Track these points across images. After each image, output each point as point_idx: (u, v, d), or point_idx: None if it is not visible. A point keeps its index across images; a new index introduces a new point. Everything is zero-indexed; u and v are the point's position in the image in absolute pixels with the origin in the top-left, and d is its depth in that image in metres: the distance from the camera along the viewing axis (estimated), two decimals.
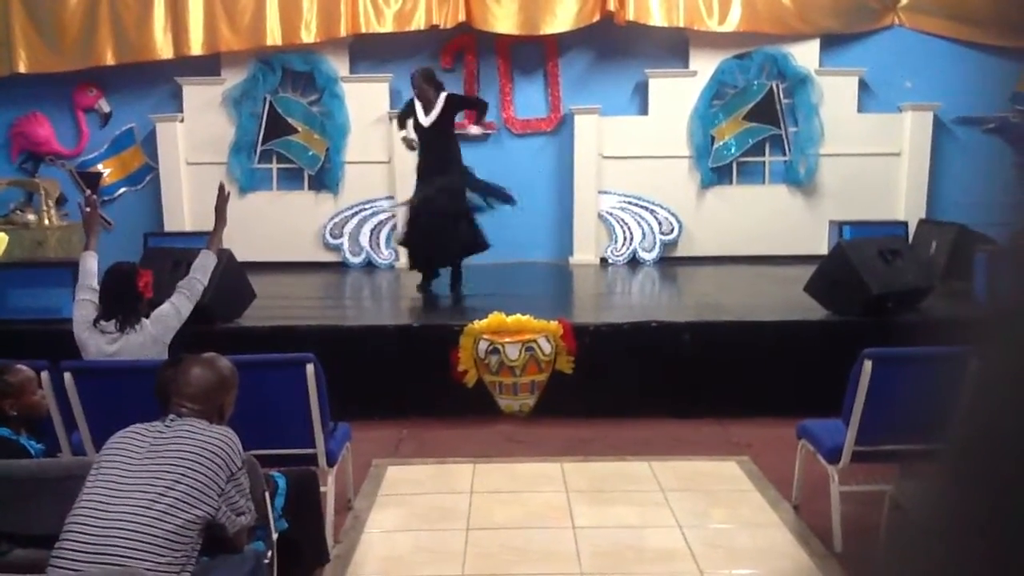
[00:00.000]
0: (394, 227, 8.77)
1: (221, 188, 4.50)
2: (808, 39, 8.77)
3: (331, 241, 8.90)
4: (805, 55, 8.76)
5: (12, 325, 5.55)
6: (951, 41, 8.71)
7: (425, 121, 6.59)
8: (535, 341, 5.49)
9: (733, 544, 3.87)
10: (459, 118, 7.00)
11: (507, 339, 5.49)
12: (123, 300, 3.97)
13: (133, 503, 2.41)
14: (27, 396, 3.19)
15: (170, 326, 4.03)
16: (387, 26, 8.64)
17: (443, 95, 6.61)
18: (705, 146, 8.79)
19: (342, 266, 8.83)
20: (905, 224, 8.20)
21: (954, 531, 0.56)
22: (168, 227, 8.74)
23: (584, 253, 8.84)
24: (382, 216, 8.87)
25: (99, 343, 3.93)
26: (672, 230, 8.85)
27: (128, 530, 2.36)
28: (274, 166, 8.95)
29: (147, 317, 4.01)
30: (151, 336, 3.95)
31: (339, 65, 8.84)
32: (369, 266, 8.84)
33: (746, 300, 6.63)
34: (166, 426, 2.61)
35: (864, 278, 5.45)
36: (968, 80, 8.52)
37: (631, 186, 8.83)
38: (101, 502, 2.43)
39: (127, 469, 2.50)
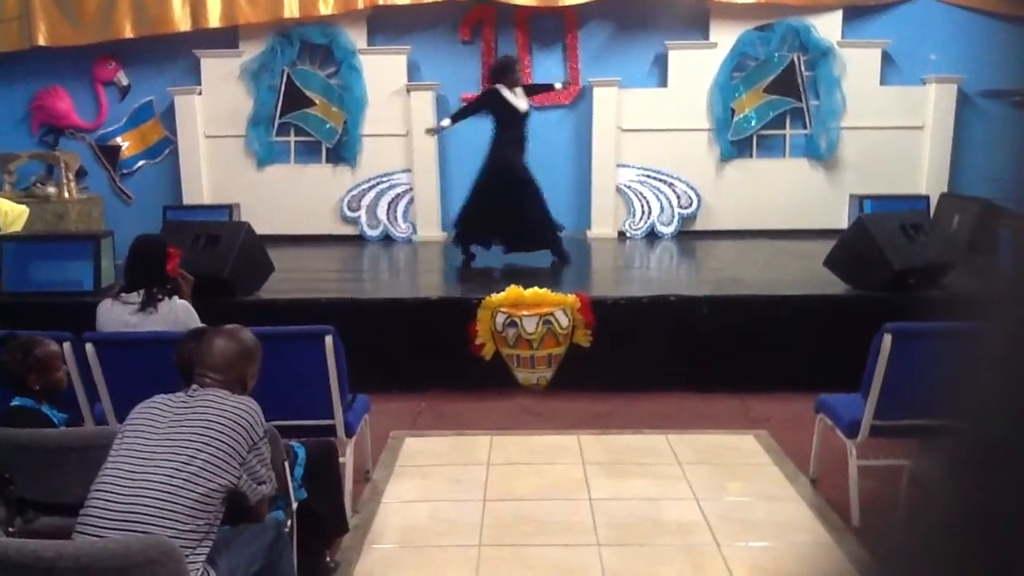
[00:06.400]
0: (411, 200, 8.78)
1: None
2: (831, 10, 8.64)
3: (349, 214, 8.91)
4: (827, 27, 8.63)
5: (33, 297, 5.61)
6: (977, 12, 8.55)
7: (524, 106, 6.78)
8: (552, 314, 5.49)
9: (750, 517, 3.88)
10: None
11: (525, 312, 5.49)
12: (149, 277, 3.99)
13: (157, 472, 2.44)
14: (51, 371, 3.21)
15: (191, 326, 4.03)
16: None
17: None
18: (725, 119, 8.71)
19: (360, 239, 8.85)
20: (927, 198, 8.12)
21: (967, 509, 0.55)
22: (187, 200, 8.79)
23: (602, 226, 8.81)
24: (400, 189, 8.87)
25: (121, 313, 3.97)
26: (691, 203, 8.80)
27: (152, 498, 2.39)
28: (292, 139, 8.94)
29: (177, 296, 4.02)
30: (175, 320, 3.94)
31: (357, 37, 8.80)
32: (387, 239, 8.85)
33: (765, 274, 6.60)
34: (189, 396, 2.64)
35: (885, 253, 5.40)
36: (994, 52, 8.37)
37: (650, 159, 8.78)
38: (125, 471, 2.46)
39: (151, 438, 2.52)
